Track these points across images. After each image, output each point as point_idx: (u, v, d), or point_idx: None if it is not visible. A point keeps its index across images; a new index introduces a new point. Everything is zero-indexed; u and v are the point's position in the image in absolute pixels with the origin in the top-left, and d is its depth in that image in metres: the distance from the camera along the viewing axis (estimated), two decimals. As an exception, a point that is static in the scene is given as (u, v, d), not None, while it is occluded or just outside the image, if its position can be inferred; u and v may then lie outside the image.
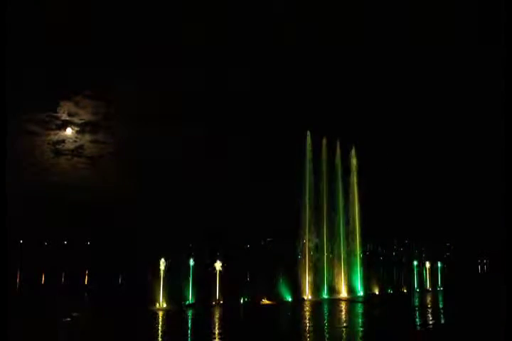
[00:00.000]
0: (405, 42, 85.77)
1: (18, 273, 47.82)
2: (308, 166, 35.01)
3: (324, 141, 36.51)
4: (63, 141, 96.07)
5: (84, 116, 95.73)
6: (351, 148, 38.58)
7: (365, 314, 27.23)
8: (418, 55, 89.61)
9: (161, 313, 24.77)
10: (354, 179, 37.75)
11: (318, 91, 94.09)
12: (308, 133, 35.66)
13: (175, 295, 27.32)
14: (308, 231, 34.35)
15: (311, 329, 21.49)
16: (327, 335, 20.30)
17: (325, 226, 35.18)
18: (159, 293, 26.64)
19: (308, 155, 35.08)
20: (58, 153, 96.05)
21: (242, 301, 28.98)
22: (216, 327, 21.39)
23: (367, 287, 36.43)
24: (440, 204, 76.01)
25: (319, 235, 35.00)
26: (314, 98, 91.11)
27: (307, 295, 32.27)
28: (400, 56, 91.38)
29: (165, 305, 26.39)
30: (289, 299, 30.97)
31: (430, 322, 23.61)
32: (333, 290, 34.17)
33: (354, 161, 38.08)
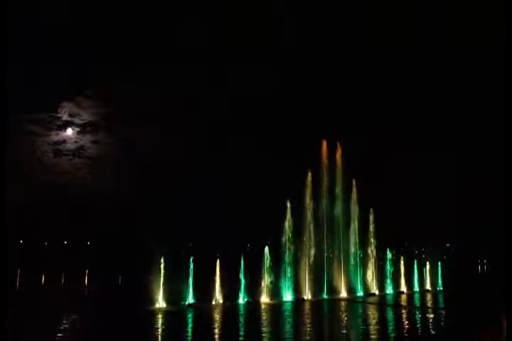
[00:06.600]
0: (405, 42, 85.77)
1: (18, 273, 47.79)
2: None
3: (324, 145, 36.78)
4: (64, 141, 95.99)
5: (85, 116, 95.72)
6: (352, 152, 38.91)
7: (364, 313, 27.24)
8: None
9: (160, 314, 24.73)
10: (353, 182, 38.10)
11: (317, 91, 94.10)
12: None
13: (175, 295, 27.29)
14: (308, 232, 34.54)
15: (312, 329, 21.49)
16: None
17: (325, 227, 35.38)
18: (159, 293, 26.63)
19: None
20: (59, 153, 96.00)
21: (242, 300, 29.03)
22: (217, 327, 21.37)
23: (366, 287, 36.62)
24: (440, 204, 76.16)
25: (319, 235, 35.21)
26: (313, 97, 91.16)
27: (307, 295, 32.41)
28: (400, 56, 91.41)
29: (164, 305, 26.40)
30: (290, 299, 31.09)
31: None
32: (332, 290, 34.36)
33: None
